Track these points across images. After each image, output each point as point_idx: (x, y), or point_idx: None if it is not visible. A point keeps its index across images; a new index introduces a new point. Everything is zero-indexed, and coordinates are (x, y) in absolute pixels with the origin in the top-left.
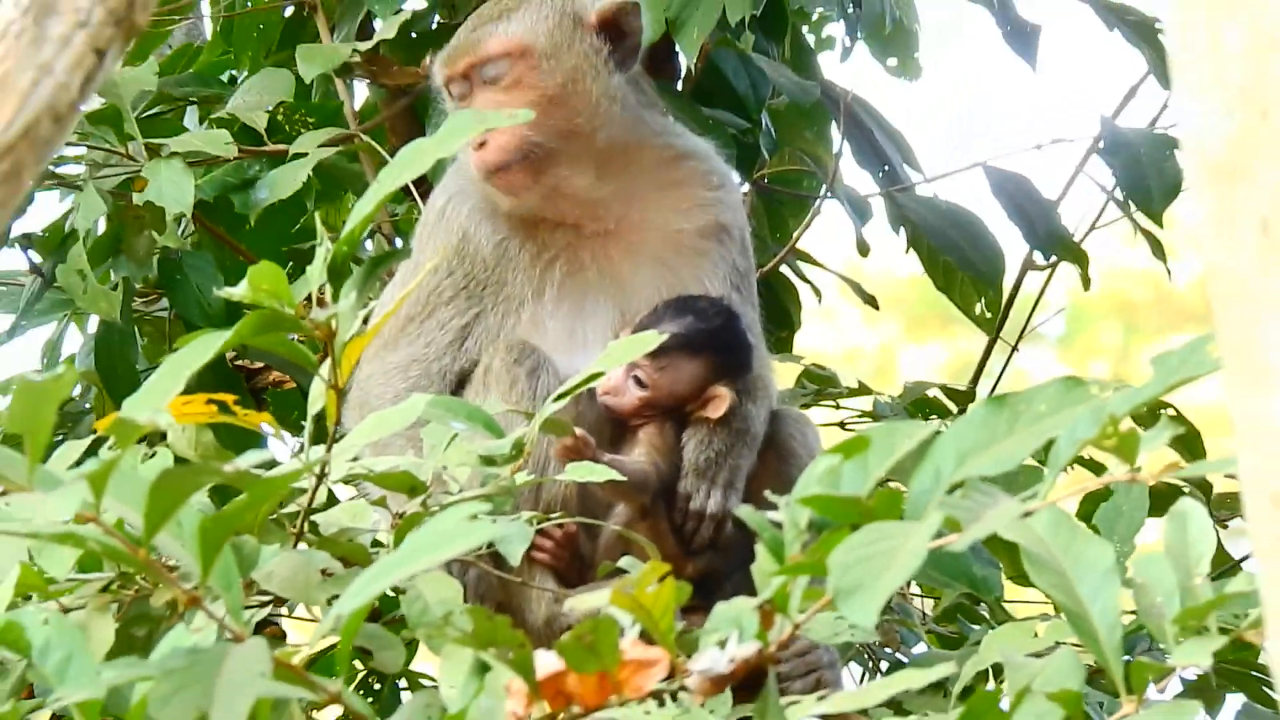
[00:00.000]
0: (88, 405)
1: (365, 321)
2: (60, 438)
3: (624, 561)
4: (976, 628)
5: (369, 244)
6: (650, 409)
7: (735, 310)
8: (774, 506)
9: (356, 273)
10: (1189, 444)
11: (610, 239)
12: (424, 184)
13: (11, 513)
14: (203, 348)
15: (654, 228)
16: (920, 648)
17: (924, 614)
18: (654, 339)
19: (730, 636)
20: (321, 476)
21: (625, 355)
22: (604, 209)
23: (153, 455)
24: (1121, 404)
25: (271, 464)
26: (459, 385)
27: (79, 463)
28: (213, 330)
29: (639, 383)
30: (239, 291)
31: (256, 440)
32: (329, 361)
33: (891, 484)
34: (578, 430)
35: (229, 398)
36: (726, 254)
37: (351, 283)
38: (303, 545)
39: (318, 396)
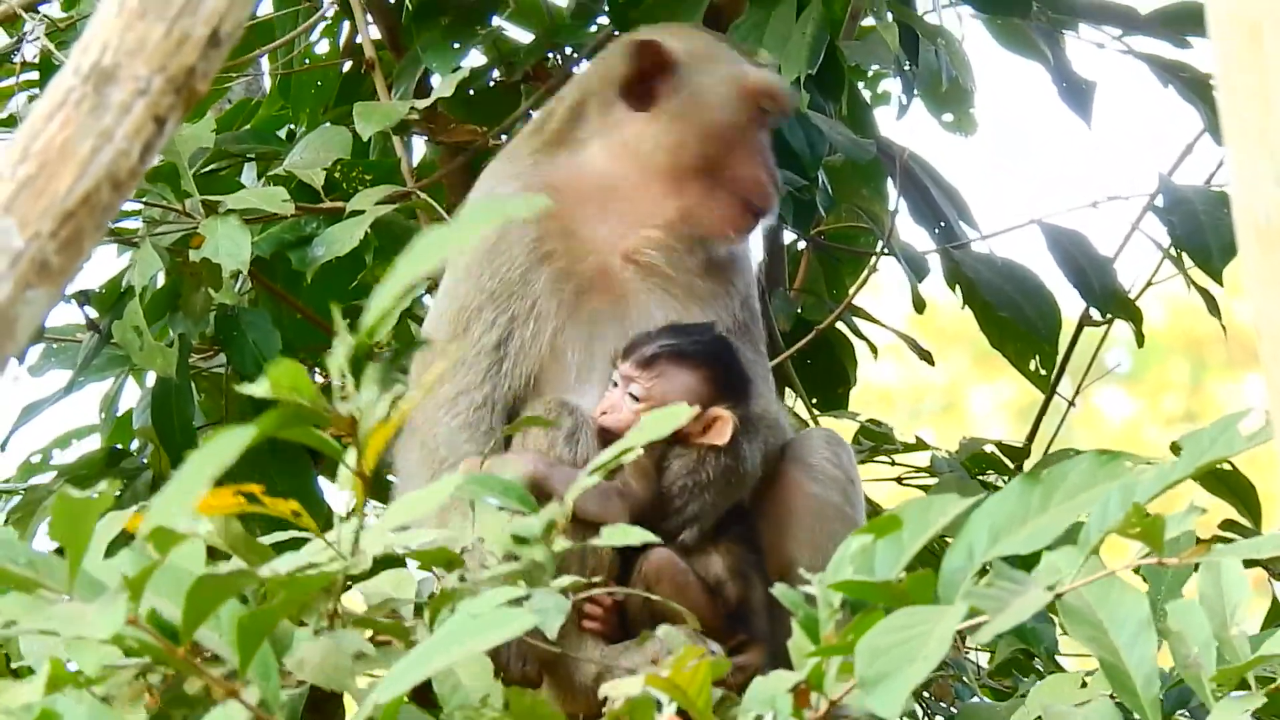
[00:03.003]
0: (144, 461)
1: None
2: (118, 494)
3: (661, 631)
4: (1030, 681)
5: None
6: None
7: (731, 341)
8: (808, 582)
9: (377, 365)
10: (1243, 497)
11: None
12: None
13: (54, 618)
14: (227, 445)
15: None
16: (975, 702)
17: (979, 668)
18: (688, 412)
19: (765, 718)
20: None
21: (660, 429)
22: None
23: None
24: (1149, 488)
25: (320, 503)
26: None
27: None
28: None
29: (634, 397)
30: (260, 389)
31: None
32: (354, 451)
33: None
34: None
35: (256, 488)
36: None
37: (372, 375)
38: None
39: (345, 483)
